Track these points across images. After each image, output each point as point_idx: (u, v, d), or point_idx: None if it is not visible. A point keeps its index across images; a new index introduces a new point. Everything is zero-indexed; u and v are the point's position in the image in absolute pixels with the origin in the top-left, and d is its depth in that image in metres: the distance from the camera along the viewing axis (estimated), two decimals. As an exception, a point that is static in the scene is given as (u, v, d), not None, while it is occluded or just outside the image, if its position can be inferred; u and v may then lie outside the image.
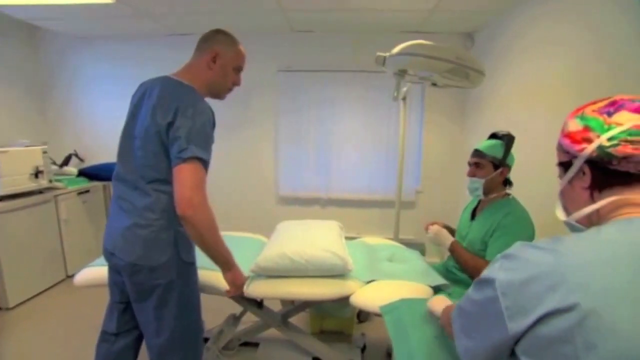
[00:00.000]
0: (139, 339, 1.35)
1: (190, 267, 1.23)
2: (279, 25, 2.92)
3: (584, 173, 0.63)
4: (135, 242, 1.12)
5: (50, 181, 2.63)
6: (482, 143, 1.53)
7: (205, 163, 1.08)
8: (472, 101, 3.05)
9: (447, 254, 1.59)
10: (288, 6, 2.46)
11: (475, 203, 1.64)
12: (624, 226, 0.56)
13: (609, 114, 0.61)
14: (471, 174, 1.53)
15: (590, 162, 0.62)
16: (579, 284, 0.50)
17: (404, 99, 2.04)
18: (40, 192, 2.58)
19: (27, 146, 2.55)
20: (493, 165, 1.48)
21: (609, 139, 0.59)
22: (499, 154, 1.47)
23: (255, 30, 3.10)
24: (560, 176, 0.69)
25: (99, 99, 3.39)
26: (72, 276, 2.57)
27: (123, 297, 1.28)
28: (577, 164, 0.64)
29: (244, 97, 3.28)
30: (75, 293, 2.50)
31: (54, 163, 2.98)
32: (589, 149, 0.61)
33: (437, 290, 1.42)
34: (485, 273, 0.61)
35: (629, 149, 0.57)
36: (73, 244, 2.81)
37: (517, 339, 0.55)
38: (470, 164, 1.55)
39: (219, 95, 1.27)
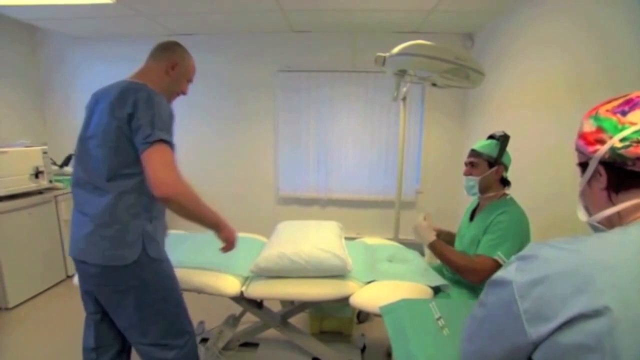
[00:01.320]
0: (121, 353, 1.34)
1: (161, 263, 1.20)
2: (278, 25, 2.92)
3: (600, 174, 0.61)
4: (102, 243, 1.09)
5: (51, 181, 2.63)
6: (478, 143, 1.54)
7: (171, 146, 1.09)
8: (472, 101, 3.05)
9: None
10: (287, 6, 2.46)
11: (474, 204, 1.64)
12: None
13: (624, 113, 0.58)
14: (467, 173, 1.55)
15: (606, 163, 0.60)
16: (609, 287, 0.46)
17: (403, 99, 2.04)
18: (40, 192, 2.58)
19: (27, 146, 2.55)
20: (488, 164, 1.49)
21: (621, 140, 0.56)
22: (493, 152, 1.48)
23: (255, 31, 3.11)
24: (581, 176, 0.68)
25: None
26: (72, 276, 2.57)
27: (97, 306, 1.26)
28: (592, 166, 0.62)
29: (243, 97, 3.29)
30: (75, 293, 2.49)
31: (54, 163, 2.98)
32: (602, 150, 0.59)
33: (436, 290, 1.42)
34: (500, 275, 0.58)
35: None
36: (73, 244, 2.81)
37: (535, 346, 0.51)
38: (466, 164, 1.56)
39: (168, 100, 1.28)
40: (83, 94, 3.34)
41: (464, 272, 1.41)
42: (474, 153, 1.53)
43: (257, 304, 1.64)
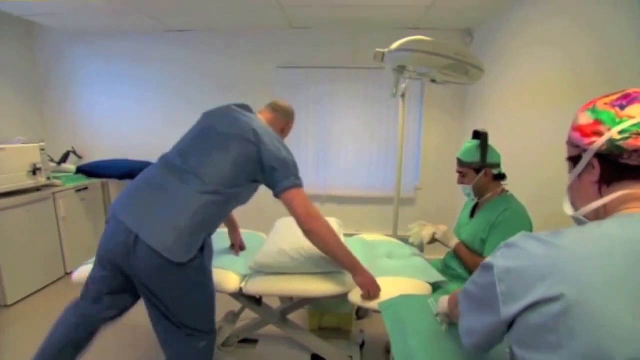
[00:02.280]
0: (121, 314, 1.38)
1: (207, 271, 1.26)
2: (278, 21, 2.91)
3: (593, 167, 0.63)
4: (170, 233, 1.11)
5: (49, 178, 2.62)
6: (462, 149, 1.55)
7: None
8: (471, 98, 3.05)
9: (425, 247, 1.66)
10: (286, 2, 2.45)
11: (475, 201, 1.64)
12: (623, 221, 0.56)
13: (622, 107, 0.59)
14: (459, 182, 1.57)
15: (600, 155, 0.61)
16: (567, 276, 0.51)
17: (403, 95, 2.03)
18: (38, 189, 2.57)
19: (24, 143, 2.54)
20: (475, 170, 1.49)
21: (620, 132, 0.58)
22: (476, 158, 1.48)
23: (254, 27, 3.09)
24: (570, 171, 0.70)
25: (97, 96, 3.38)
26: (71, 273, 2.57)
27: (115, 286, 1.26)
28: (586, 158, 0.63)
29: (242, 94, 3.26)
30: (74, 290, 2.49)
31: (52, 160, 2.97)
32: (599, 142, 0.60)
33: (435, 287, 1.42)
34: (488, 259, 0.63)
35: (639, 142, 0.56)
36: (72, 242, 2.81)
37: (509, 325, 0.58)
38: (457, 172, 1.57)
39: None
40: (80, 90, 3.36)
41: (474, 271, 1.43)
42: (459, 163, 1.55)
43: (256, 301, 1.64)
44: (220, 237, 1.66)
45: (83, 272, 1.50)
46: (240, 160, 1.22)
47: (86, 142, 3.41)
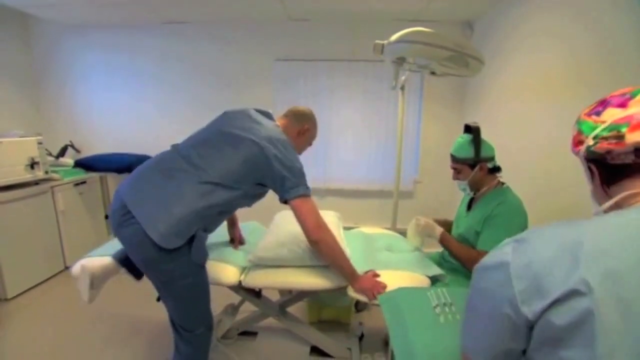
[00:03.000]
0: None
1: (201, 268, 1.26)
2: (276, 13, 2.87)
3: (592, 172, 0.66)
4: (161, 216, 1.13)
5: (47, 172, 2.61)
6: (454, 144, 1.53)
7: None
8: (471, 91, 3.03)
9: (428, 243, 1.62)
10: (285, -7, 2.42)
11: (471, 195, 1.64)
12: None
13: (598, 114, 0.63)
14: (455, 178, 1.57)
15: (594, 160, 0.64)
16: (597, 266, 0.48)
17: (402, 88, 2.02)
18: (36, 183, 2.56)
19: (21, 137, 2.52)
20: (469, 166, 1.49)
21: (594, 138, 0.62)
22: (469, 153, 1.47)
23: (252, 19, 3.06)
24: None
25: (95, 89, 3.35)
26: (70, 267, 2.58)
27: None
28: (584, 165, 0.68)
29: (241, 87, 3.25)
30: (74, 284, 2.51)
31: (50, 154, 2.95)
32: (582, 150, 0.65)
33: (434, 280, 1.42)
34: (493, 259, 0.59)
35: (605, 145, 0.60)
36: (71, 235, 2.81)
37: (531, 326, 0.53)
38: (452, 168, 1.56)
39: None
40: (78, 84, 3.34)
41: (468, 264, 1.45)
42: (453, 159, 1.54)
43: (255, 293, 1.65)
44: (221, 230, 1.66)
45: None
46: (248, 162, 1.22)
47: (84, 136, 3.39)
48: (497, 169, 1.53)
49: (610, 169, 0.62)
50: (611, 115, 0.60)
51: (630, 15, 1.33)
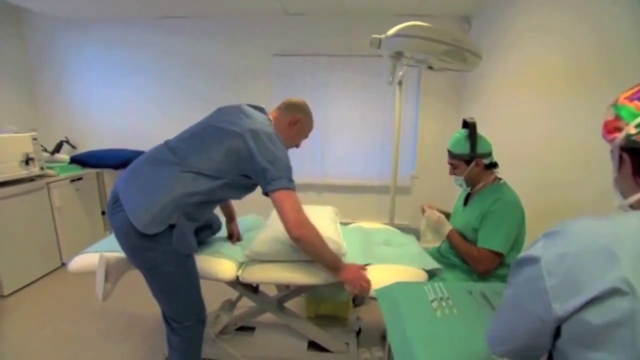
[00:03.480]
0: None
1: (185, 258, 1.26)
2: (273, 8, 2.86)
3: (624, 160, 0.62)
4: (144, 202, 1.16)
5: (42, 168, 2.59)
6: (451, 140, 1.53)
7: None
8: (468, 86, 3.03)
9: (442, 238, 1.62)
10: (281, -13, 2.39)
11: (468, 191, 1.65)
12: None
13: None
14: (451, 173, 1.57)
15: (628, 149, 0.60)
16: (636, 265, 0.45)
17: (399, 83, 2.01)
18: (31, 179, 2.54)
19: (15, 133, 2.50)
20: (465, 162, 1.49)
21: (636, 126, 0.57)
22: (465, 149, 1.47)
23: (249, 14, 3.04)
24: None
25: (91, 85, 3.33)
26: (67, 263, 2.57)
27: None
28: (615, 153, 0.63)
29: (238, 82, 3.23)
30: (71, 280, 2.50)
31: (45, 150, 2.93)
32: (619, 138, 0.60)
33: (431, 274, 1.43)
34: (526, 253, 0.57)
35: None
36: (67, 232, 2.79)
37: (561, 323, 0.50)
38: (448, 164, 1.56)
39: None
40: (74, 79, 3.30)
41: (471, 261, 1.47)
42: (450, 154, 1.53)
43: (253, 289, 1.65)
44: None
45: (79, 262, 1.49)
46: (231, 153, 1.22)
47: (80, 132, 3.37)
48: (494, 165, 1.53)
49: None
50: None
51: (628, 11, 1.33)
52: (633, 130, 0.57)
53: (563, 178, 1.72)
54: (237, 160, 1.23)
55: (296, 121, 1.41)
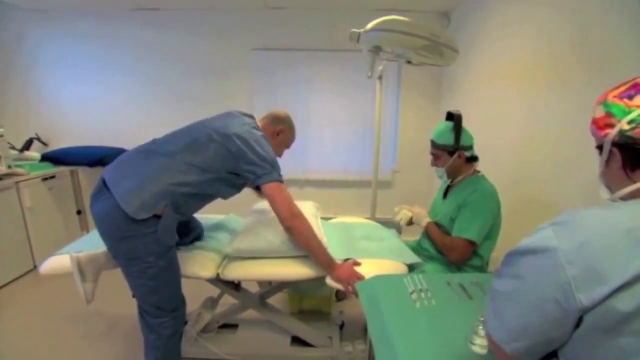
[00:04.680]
0: None
1: (167, 249, 1.26)
2: (253, 1, 2.81)
3: (614, 155, 0.65)
4: (132, 187, 1.18)
5: (9, 167, 2.47)
6: (435, 130, 1.55)
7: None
8: (448, 80, 3.07)
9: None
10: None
11: (448, 183, 1.67)
12: None
13: (630, 97, 0.61)
14: (433, 164, 1.59)
15: (618, 144, 0.63)
16: None
17: (380, 78, 2.02)
18: (-1, 178, 2.43)
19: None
20: (448, 153, 1.51)
21: (629, 122, 0.60)
22: (449, 140, 1.49)
23: (228, 7, 2.98)
24: (599, 158, 0.71)
25: (62, 80, 3.19)
26: (38, 266, 2.48)
27: None
28: (606, 148, 0.66)
29: (217, 77, 3.17)
30: (44, 284, 2.41)
31: (13, 147, 2.80)
32: (612, 134, 0.63)
33: (411, 267, 1.45)
34: (533, 244, 0.56)
35: None
36: (40, 233, 2.69)
37: (584, 312, 0.50)
38: (431, 154, 1.58)
39: None
40: (45, 73, 3.16)
41: (444, 250, 1.51)
42: (433, 145, 1.55)
43: (234, 286, 1.64)
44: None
45: (51, 264, 1.44)
46: (221, 151, 1.26)
47: (52, 129, 3.24)
48: (474, 159, 1.56)
49: (636, 154, 0.61)
50: None
51: (605, 5, 1.36)
52: (626, 126, 0.60)
53: (540, 171, 1.77)
54: (226, 158, 1.27)
55: (279, 132, 1.48)
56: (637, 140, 0.60)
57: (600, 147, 0.69)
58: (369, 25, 1.53)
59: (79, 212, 3.17)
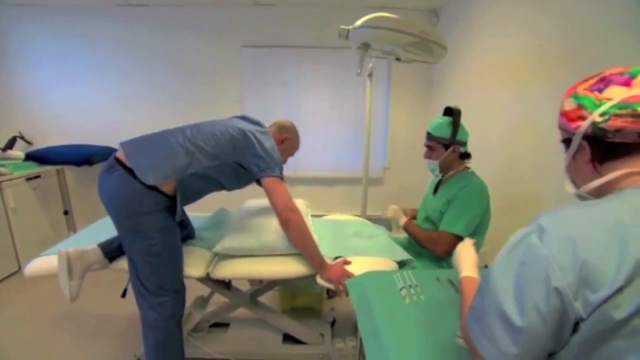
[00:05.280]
0: None
1: (171, 227, 1.31)
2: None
3: (584, 148, 0.65)
4: (145, 158, 1.24)
5: (-8, 166, 2.42)
6: (432, 123, 1.56)
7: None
8: (437, 77, 3.09)
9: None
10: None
11: (438, 178, 1.69)
12: None
13: (600, 91, 0.62)
14: (427, 156, 1.59)
15: (588, 137, 0.64)
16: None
17: (370, 75, 2.02)
18: (-19, 179, 2.37)
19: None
20: (444, 146, 1.52)
21: (601, 115, 0.60)
22: (446, 134, 1.50)
23: (218, 4, 2.94)
24: (565, 152, 0.71)
25: (47, 78, 3.11)
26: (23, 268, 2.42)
27: None
28: (576, 141, 0.66)
29: (208, 74, 3.13)
30: (29, 286, 2.36)
31: (-4, 147, 2.73)
32: (584, 126, 0.63)
33: (401, 264, 1.46)
34: (521, 254, 0.54)
35: (618, 122, 0.59)
36: (25, 235, 2.63)
37: (581, 320, 0.49)
38: (425, 146, 1.59)
39: None
40: (28, 71, 3.09)
41: (427, 245, 1.52)
42: (429, 136, 1.56)
43: (225, 284, 1.63)
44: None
45: (37, 265, 1.41)
46: (232, 141, 1.32)
47: (36, 127, 3.16)
48: (467, 155, 1.57)
49: (606, 146, 0.62)
50: (617, 93, 0.60)
51: (591, 3, 1.39)
52: (598, 119, 0.61)
53: (528, 167, 1.79)
54: (237, 148, 1.33)
55: (284, 139, 1.54)
56: (608, 133, 0.60)
57: (565, 141, 0.70)
58: (358, 22, 1.53)
59: (65, 213, 3.11)
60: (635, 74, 0.59)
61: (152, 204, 1.24)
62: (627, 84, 0.59)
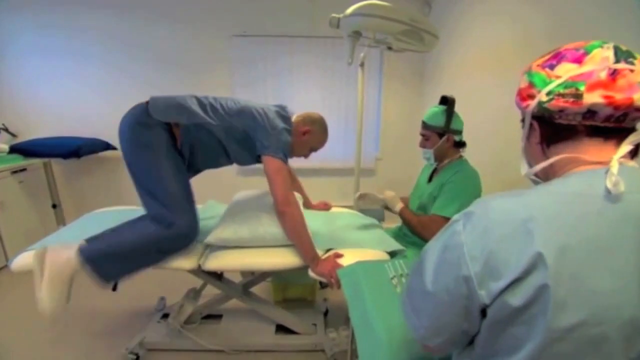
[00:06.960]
0: None
1: (175, 154, 1.36)
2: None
3: (534, 129, 0.62)
4: (167, 99, 1.36)
5: (-25, 160, 2.35)
6: (427, 112, 1.57)
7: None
8: (429, 67, 3.08)
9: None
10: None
11: (433, 166, 1.69)
12: (589, 178, 0.53)
13: (552, 67, 0.58)
14: (422, 145, 1.60)
15: (538, 117, 0.60)
16: (548, 237, 0.47)
17: (362, 65, 2.00)
18: (-36, 172, 2.31)
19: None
20: (438, 135, 1.53)
21: (547, 94, 0.57)
22: (440, 122, 1.51)
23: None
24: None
25: (31, 70, 3.02)
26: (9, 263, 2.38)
27: None
28: (527, 121, 0.63)
29: (195, 67, 3.07)
30: (17, 281, 2.33)
31: (-22, 140, 2.66)
32: (532, 105, 0.60)
33: (393, 255, 1.46)
34: (447, 239, 0.56)
35: (561, 103, 0.55)
36: (12, 229, 2.57)
37: (486, 307, 0.51)
38: (420, 135, 1.59)
39: (291, 154, 1.53)
40: (12, 64, 2.98)
41: (419, 230, 1.54)
42: (424, 125, 1.57)
43: (217, 276, 1.62)
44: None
45: (24, 259, 1.38)
46: (249, 112, 1.37)
47: (21, 120, 3.08)
48: (462, 144, 1.58)
49: (554, 128, 0.58)
50: (566, 70, 0.55)
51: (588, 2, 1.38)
52: (544, 98, 0.57)
53: (519, 155, 1.80)
54: (249, 118, 1.36)
55: (305, 132, 1.51)
56: (553, 114, 0.57)
57: (523, 121, 0.66)
58: (349, 10, 1.51)
59: (54, 206, 3.06)
60: (591, 49, 0.55)
61: (159, 128, 1.31)
62: (578, 60, 0.55)
